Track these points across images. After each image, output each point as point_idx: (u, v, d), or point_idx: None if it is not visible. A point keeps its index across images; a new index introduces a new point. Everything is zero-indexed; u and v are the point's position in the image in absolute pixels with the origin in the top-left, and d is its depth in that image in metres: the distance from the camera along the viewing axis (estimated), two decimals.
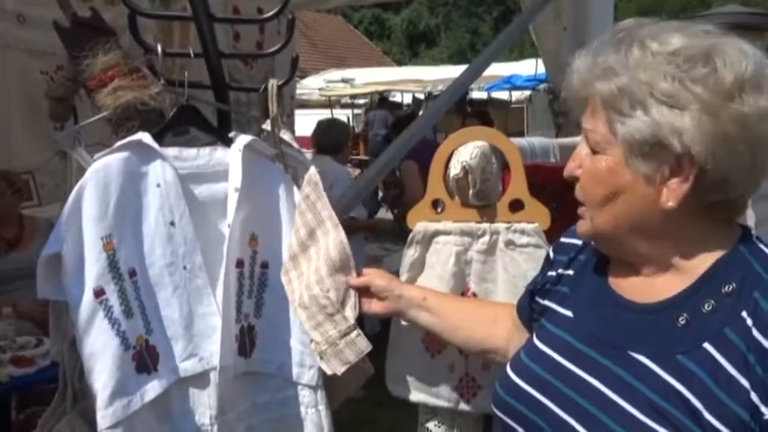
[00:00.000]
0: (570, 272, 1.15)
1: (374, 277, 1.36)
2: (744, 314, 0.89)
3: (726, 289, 0.93)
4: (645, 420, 0.90)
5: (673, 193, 0.93)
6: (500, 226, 1.46)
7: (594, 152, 0.98)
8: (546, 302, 1.16)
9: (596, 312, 1.05)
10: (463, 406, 1.48)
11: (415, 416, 1.57)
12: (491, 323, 1.33)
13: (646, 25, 0.97)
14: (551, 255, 1.22)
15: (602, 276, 1.08)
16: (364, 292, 1.37)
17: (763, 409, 0.84)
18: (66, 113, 1.31)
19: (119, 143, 1.21)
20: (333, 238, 1.34)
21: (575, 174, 1.02)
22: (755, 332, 0.87)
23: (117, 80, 1.24)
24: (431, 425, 1.53)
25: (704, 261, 0.96)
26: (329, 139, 4.48)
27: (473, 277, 1.48)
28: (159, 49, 1.29)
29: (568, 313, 1.09)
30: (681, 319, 0.94)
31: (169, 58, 1.44)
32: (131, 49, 1.34)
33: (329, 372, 1.31)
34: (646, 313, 0.98)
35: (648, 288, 1.00)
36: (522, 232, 1.45)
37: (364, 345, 1.32)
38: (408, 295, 1.36)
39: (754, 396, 0.85)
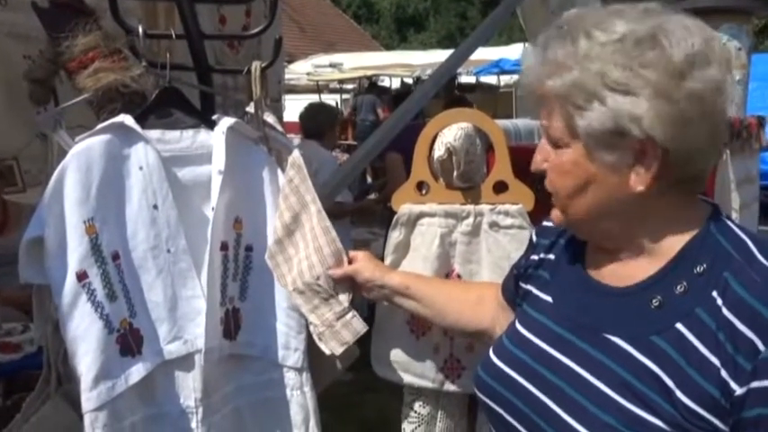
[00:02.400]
0: (551, 256, 1.16)
1: (358, 269, 1.37)
2: (714, 294, 0.90)
3: (697, 269, 0.93)
4: (619, 400, 0.91)
5: (641, 177, 0.93)
6: (484, 207, 1.47)
7: (557, 146, 0.99)
8: (528, 287, 1.17)
9: (574, 297, 1.06)
10: (448, 386, 1.49)
11: (402, 398, 1.58)
12: (476, 305, 1.34)
13: (588, 15, 0.96)
14: (534, 238, 1.23)
15: (580, 262, 1.10)
16: (349, 279, 1.39)
17: (733, 385, 0.85)
18: (46, 95, 1.30)
19: (100, 125, 1.20)
20: (318, 224, 1.35)
21: (541, 167, 1.02)
22: (725, 311, 0.88)
23: (98, 62, 1.23)
24: (416, 405, 1.55)
25: (677, 242, 0.97)
26: (315, 124, 4.47)
27: (457, 259, 1.49)
28: (140, 30, 1.27)
29: (548, 298, 1.11)
30: (654, 301, 0.95)
31: (154, 41, 1.43)
32: (114, 30, 1.33)
33: (328, 352, 1.34)
34: (621, 297, 0.99)
35: (623, 272, 1.01)
36: (506, 214, 1.46)
37: (360, 326, 1.36)
38: (391, 285, 1.37)
39: (724, 373, 0.86)
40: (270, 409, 1.37)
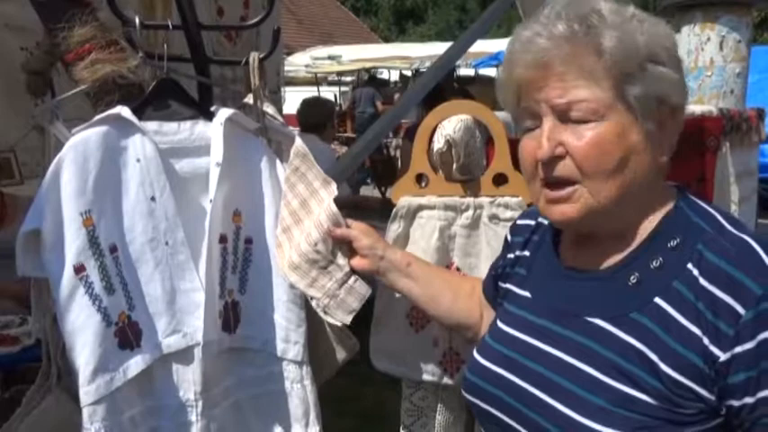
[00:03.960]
0: (526, 253, 1.17)
1: (359, 234, 1.34)
2: (689, 266, 0.92)
3: (671, 244, 0.96)
4: (608, 381, 0.92)
5: (663, 148, 0.98)
6: (484, 200, 1.46)
7: (585, 122, 0.94)
8: (507, 285, 1.18)
9: (552, 288, 1.07)
10: (447, 380, 1.49)
11: (401, 391, 1.58)
12: (469, 297, 1.35)
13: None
14: (509, 237, 1.25)
15: (554, 253, 1.11)
16: (348, 243, 1.35)
17: (716, 352, 0.87)
18: (44, 87, 1.29)
19: (97, 117, 1.19)
20: (327, 207, 1.33)
21: (556, 153, 0.96)
22: (702, 281, 0.90)
23: (94, 53, 1.22)
24: (415, 398, 1.55)
25: (652, 221, 0.99)
26: (312, 118, 4.52)
27: (457, 252, 1.48)
28: (137, 21, 1.26)
29: (527, 294, 1.12)
30: (632, 278, 0.96)
31: (152, 32, 1.42)
32: (111, 21, 1.32)
33: (337, 323, 1.31)
34: (599, 280, 1.01)
35: (601, 257, 1.02)
36: (506, 206, 1.45)
37: (364, 289, 1.33)
38: (391, 258, 1.34)
39: (706, 341, 0.87)
40: (270, 403, 1.37)
